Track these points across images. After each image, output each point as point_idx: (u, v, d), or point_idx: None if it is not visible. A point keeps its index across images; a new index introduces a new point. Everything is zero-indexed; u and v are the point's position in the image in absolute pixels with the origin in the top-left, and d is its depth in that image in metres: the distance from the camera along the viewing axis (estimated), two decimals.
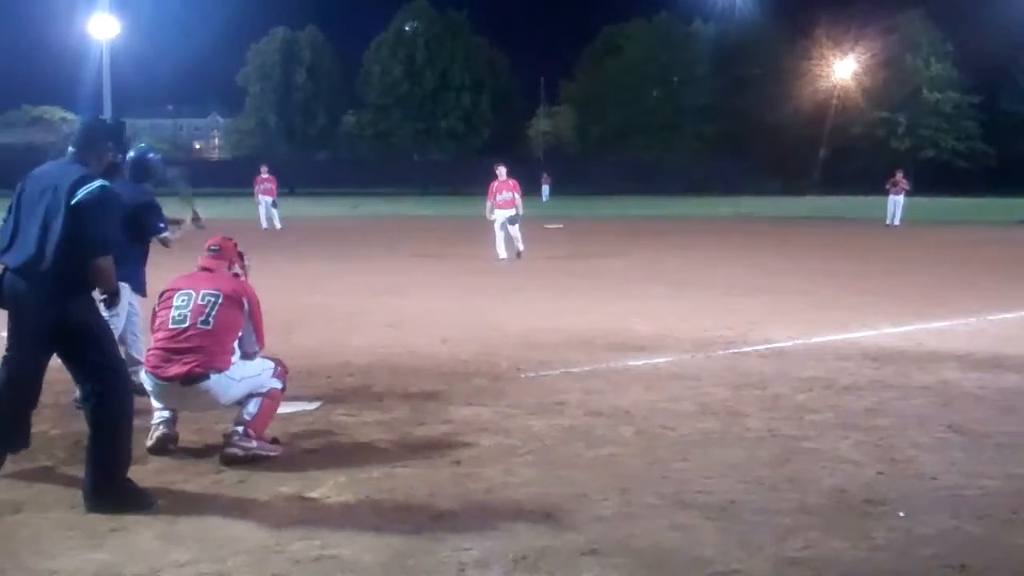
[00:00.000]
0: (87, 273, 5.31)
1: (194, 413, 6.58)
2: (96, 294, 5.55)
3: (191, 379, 5.93)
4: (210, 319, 6.02)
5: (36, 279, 5.26)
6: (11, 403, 5.66)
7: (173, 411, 6.28)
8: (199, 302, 6.07)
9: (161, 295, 6.31)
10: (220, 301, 6.09)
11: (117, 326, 7.45)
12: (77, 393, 6.80)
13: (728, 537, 4.80)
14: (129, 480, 5.31)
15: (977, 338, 10.85)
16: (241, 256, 6.63)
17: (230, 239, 6.63)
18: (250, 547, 4.63)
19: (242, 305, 6.18)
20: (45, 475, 5.73)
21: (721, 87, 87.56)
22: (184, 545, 4.66)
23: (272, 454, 6.12)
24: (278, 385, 6.33)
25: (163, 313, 6.16)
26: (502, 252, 20.88)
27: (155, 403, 6.27)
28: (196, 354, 5.95)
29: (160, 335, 6.10)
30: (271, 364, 6.38)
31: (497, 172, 21.40)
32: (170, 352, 6.00)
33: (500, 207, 21.05)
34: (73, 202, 5.19)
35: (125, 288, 7.33)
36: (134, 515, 5.02)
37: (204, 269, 6.36)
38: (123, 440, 5.33)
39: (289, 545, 4.66)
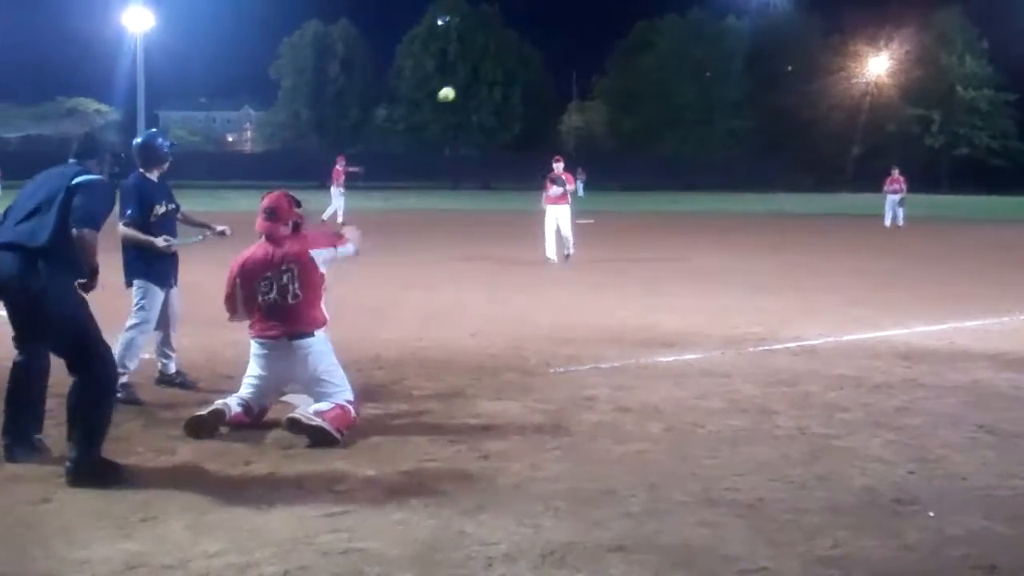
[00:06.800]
0: (75, 256, 5.51)
1: (273, 403, 6.81)
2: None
3: (296, 335, 6.48)
4: (298, 292, 6.46)
5: (24, 255, 5.47)
6: (27, 386, 5.87)
7: (245, 403, 6.53)
8: (282, 283, 6.47)
9: (242, 268, 6.59)
10: (297, 273, 6.47)
11: (148, 319, 7.49)
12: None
13: (756, 535, 4.78)
14: (103, 456, 5.52)
15: (1010, 337, 10.75)
16: (297, 203, 6.78)
17: (284, 193, 6.80)
18: (278, 539, 4.65)
19: (314, 262, 6.54)
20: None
21: (754, 83, 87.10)
22: (213, 536, 4.69)
23: (335, 434, 6.21)
24: (351, 412, 6.51)
25: (251, 298, 6.54)
26: (551, 253, 18.98)
27: (249, 380, 6.62)
28: (297, 317, 6.50)
29: (259, 313, 6.53)
30: (351, 393, 6.65)
31: (553, 166, 19.73)
32: (273, 316, 6.49)
33: (551, 202, 19.35)
34: (72, 183, 5.60)
35: (149, 287, 7.42)
36: (164, 505, 5.06)
37: (267, 239, 6.61)
38: (101, 422, 5.55)
39: (317, 537, 4.68)
